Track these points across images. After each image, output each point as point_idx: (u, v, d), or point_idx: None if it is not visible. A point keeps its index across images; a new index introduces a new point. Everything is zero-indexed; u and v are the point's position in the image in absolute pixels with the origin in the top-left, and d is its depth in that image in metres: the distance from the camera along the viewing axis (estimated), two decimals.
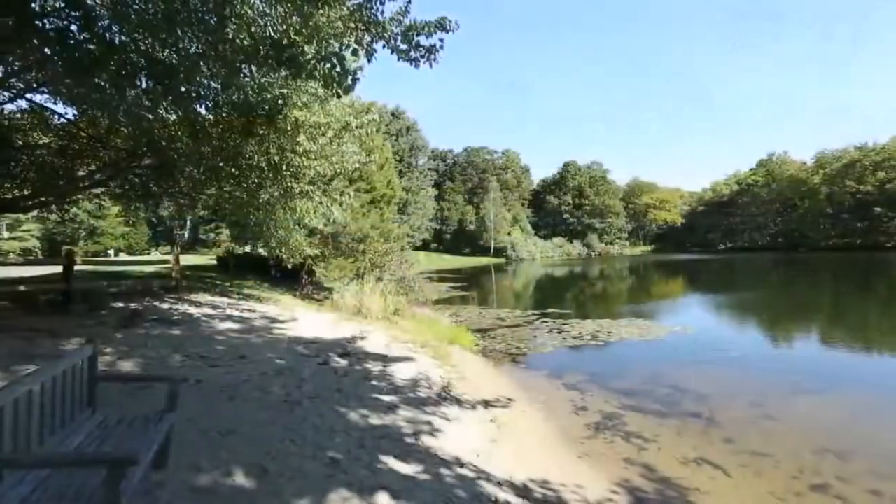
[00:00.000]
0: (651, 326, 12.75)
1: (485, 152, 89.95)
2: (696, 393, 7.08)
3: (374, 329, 9.79)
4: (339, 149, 8.78)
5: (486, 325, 13.67)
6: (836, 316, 15.46)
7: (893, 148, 63.01)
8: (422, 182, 64.59)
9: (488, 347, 10.65)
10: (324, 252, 15.09)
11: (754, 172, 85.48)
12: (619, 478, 4.52)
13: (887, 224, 62.13)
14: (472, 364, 8.69)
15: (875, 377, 8.42)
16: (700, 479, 4.49)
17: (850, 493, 4.21)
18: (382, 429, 4.34)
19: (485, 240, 76.28)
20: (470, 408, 5.88)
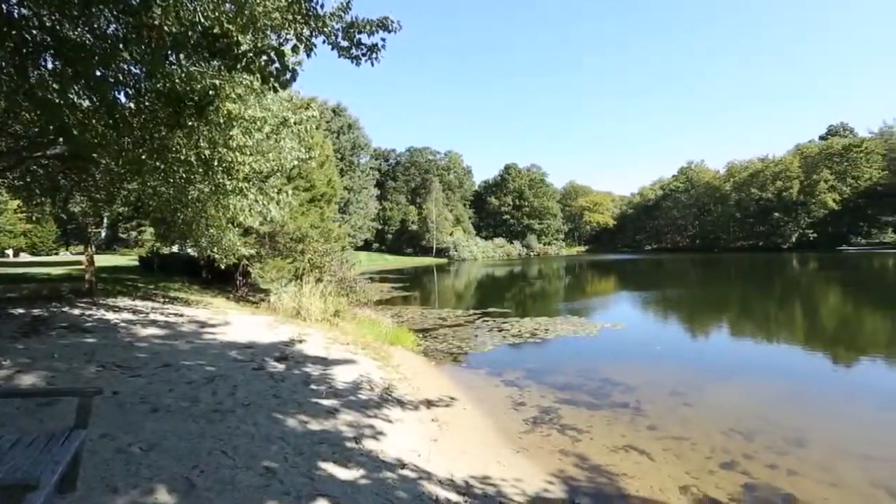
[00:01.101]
0: (585, 323, 13.43)
1: (427, 152, 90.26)
2: (625, 385, 7.56)
3: (314, 331, 9.51)
4: (277, 145, 8.43)
5: (429, 325, 13.73)
6: (742, 311, 17.12)
7: (788, 161, 70.93)
8: (364, 181, 63.50)
9: (430, 347, 10.70)
10: (260, 252, 14.40)
11: (676, 179, 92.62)
12: (555, 469, 4.72)
13: (783, 228, 69.82)
14: (414, 365, 8.70)
15: (773, 363, 9.44)
16: (627, 465, 4.80)
17: (752, 468, 4.70)
18: (322, 434, 4.23)
19: (427, 240, 76.53)
20: (412, 408, 5.89)
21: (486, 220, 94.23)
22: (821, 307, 17.25)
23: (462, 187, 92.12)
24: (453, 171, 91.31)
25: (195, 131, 6.61)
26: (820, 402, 6.99)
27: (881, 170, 65.38)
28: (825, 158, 68.33)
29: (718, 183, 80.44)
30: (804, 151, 71.78)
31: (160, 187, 8.26)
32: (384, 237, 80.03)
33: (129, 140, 6.29)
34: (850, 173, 66.19)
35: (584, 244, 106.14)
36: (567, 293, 25.22)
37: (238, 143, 7.22)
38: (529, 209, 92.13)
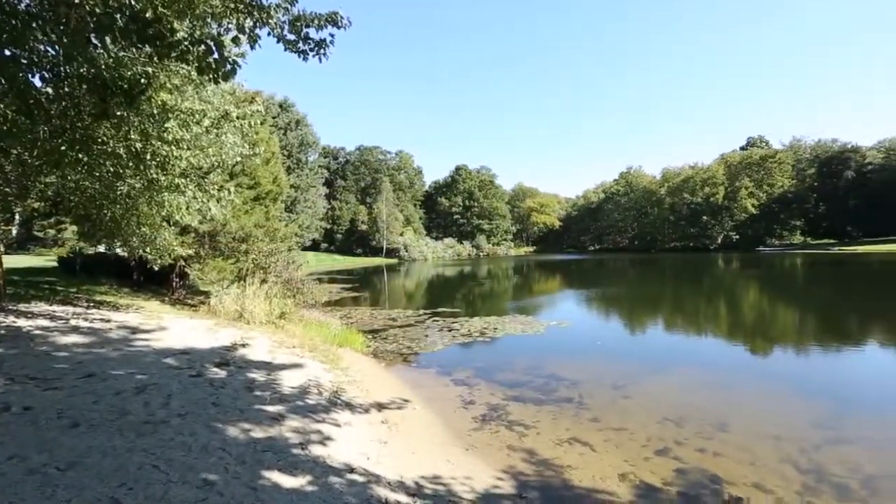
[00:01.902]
0: (532, 322, 13.82)
1: (378, 152, 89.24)
2: (570, 380, 7.86)
3: (258, 335, 9.12)
4: (218, 139, 8.00)
5: (378, 326, 13.58)
6: (675, 307, 18.34)
7: (715, 168, 76.73)
8: (312, 180, 61.67)
9: (380, 348, 10.60)
10: (200, 252, 13.61)
11: (617, 183, 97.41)
12: (504, 465, 4.82)
13: (711, 230, 75.48)
14: (364, 366, 8.57)
15: (701, 355, 10.21)
16: (572, 457, 5.00)
17: (683, 453, 5.04)
18: (266, 441, 4.07)
19: (377, 240, 75.61)
20: (362, 411, 5.80)
21: (436, 220, 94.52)
22: (741, 302, 18.79)
23: (413, 187, 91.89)
24: (404, 171, 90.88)
25: (125, 122, 6.14)
26: (740, 389, 7.60)
27: (791, 178, 72.39)
28: (745, 167, 74.56)
29: (655, 187, 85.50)
30: (728, 160, 77.94)
31: (84, 181, 7.59)
32: (333, 237, 78.23)
33: (47, 129, 5.73)
34: (765, 181, 72.69)
35: (531, 244, 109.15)
36: (515, 292, 25.84)
37: (174, 136, 6.80)
38: (479, 210, 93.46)
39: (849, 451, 5.05)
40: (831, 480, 4.42)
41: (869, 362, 9.26)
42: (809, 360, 9.63)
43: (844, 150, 71.71)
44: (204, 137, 7.61)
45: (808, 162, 74.66)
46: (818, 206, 71.29)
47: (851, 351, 10.24)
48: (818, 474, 4.54)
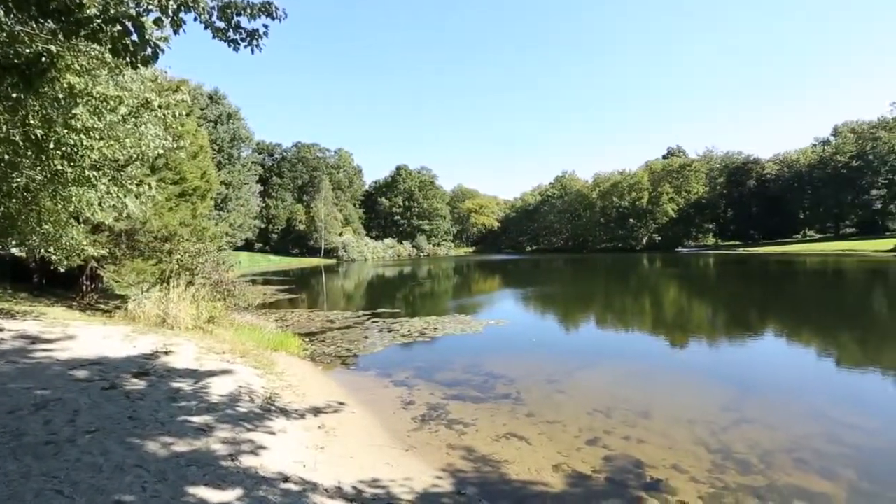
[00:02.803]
0: (471, 321, 14.06)
1: (316, 149, 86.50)
2: (507, 377, 8.09)
3: (183, 341, 8.50)
4: (137, 129, 7.37)
5: (316, 329, 13.19)
6: (605, 304, 19.47)
7: (640, 175, 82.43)
8: (245, 176, 58.38)
9: (317, 352, 10.29)
10: (115, 252, 12.43)
11: (552, 186, 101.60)
12: (443, 464, 4.87)
13: (637, 232, 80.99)
14: (300, 371, 8.28)
15: (628, 348, 10.92)
16: (509, 452, 5.15)
17: (611, 441, 5.37)
18: (191, 455, 3.81)
19: (315, 240, 73.36)
20: (298, 417, 5.60)
21: (376, 220, 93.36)
22: (662, 298, 20.33)
23: (352, 187, 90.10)
24: (343, 169, 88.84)
25: (22, 105, 5.48)
26: (660, 379, 8.23)
27: (704, 186, 79.52)
28: (666, 174, 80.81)
29: (587, 192, 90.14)
30: (652, 168, 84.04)
31: None
32: (268, 237, 74.78)
33: None
34: (683, 188, 79.23)
35: (471, 245, 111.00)
36: (455, 292, 26.15)
37: (83, 124, 6.17)
38: (420, 210, 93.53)
39: (749, 430, 5.62)
40: (735, 458, 4.90)
41: (764, 350, 10.38)
42: (718, 350, 10.62)
43: (748, 161, 79.97)
44: (120, 127, 6.99)
45: (718, 171, 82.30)
46: (727, 211, 78.90)
47: (751, 340, 11.42)
48: (725, 453, 5.01)
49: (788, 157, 74.42)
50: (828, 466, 4.69)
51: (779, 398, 6.98)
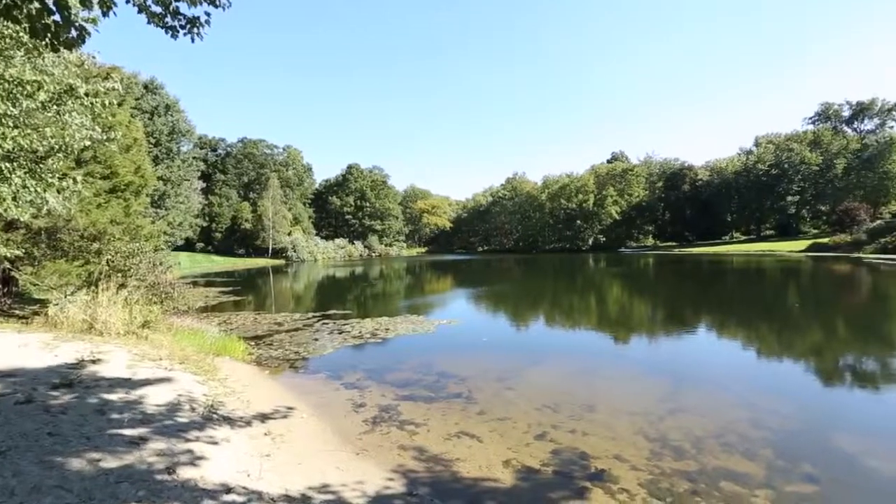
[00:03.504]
0: (423, 321, 14.07)
1: (264, 145, 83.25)
2: (459, 376, 8.17)
3: (114, 348, 7.91)
4: (59, 118, 6.77)
5: (262, 332, 12.69)
6: (553, 302, 20.12)
7: (587, 178, 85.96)
8: (185, 172, 55.04)
9: (264, 355, 9.91)
10: (33, 252, 11.35)
11: (503, 188, 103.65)
12: (395, 465, 4.84)
13: (583, 233, 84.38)
14: (245, 376, 7.94)
15: (574, 344, 11.34)
16: (460, 450, 5.20)
17: (558, 435, 5.56)
18: (122, 471, 3.55)
19: (262, 240, 70.58)
20: (242, 425, 5.37)
21: (326, 220, 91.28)
22: (607, 296, 21.31)
23: (302, 185, 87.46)
24: (292, 167, 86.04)
25: None
26: (604, 373, 8.61)
27: (644, 189, 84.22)
28: (611, 178, 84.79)
29: (537, 193, 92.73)
30: (597, 171, 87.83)
31: None
32: (211, 236, 71.08)
33: None
34: (626, 191, 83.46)
35: (423, 245, 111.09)
36: (408, 292, 26.06)
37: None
38: (371, 210, 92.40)
39: (683, 419, 6.02)
40: (671, 445, 5.23)
41: (697, 343, 11.14)
42: (656, 345, 11.28)
43: (683, 167, 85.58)
44: (39, 114, 6.41)
45: (657, 176, 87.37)
46: (665, 214, 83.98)
47: (686, 334, 12.22)
48: (662, 441, 5.33)
49: (718, 165, 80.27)
50: (750, 448, 5.10)
51: (709, 388, 7.52)
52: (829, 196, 63.74)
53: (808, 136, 68.66)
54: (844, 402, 6.85)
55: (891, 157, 61.01)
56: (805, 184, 66.36)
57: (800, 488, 4.29)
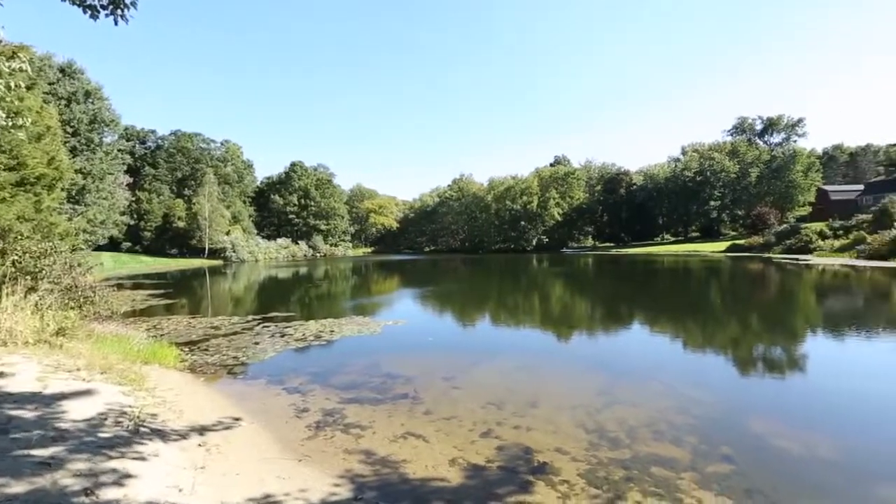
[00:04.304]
0: (369, 322, 13.89)
1: (200, 139, 78.56)
2: (405, 377, 8.14)
3: (21, 359, 7.13)
4: None
5: (198, 337, 11.98)
6: (498, 301, 20.55)
7: (531, 180, 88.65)
8: (109, 165, 50.61)
9: (199, 362, 9.36)
10: None
11: (450, 188, 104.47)
12: (341, 470, 4.74)
13: (528, 234, 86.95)
14: (177, 384, 7.45)
15: (519, 342, 11.65)
16: (407, 451, 5.19)
17: (503, 432, 5.70)
18: (31, 496, 3.22)
19: (198, 239, 66.61)
20: (174, 437, 5.03)
21: (268, 219, 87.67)
22: (550, 295, 22.09)
23: (242, 182, 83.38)
24: (231, 163, 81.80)
25: None
26: (547, 369, 8.92)
27: (585, 193, 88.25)
28: (553, 181, 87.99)
29: (483, 194, 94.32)
30: (541, 174, 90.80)
31: None
32: (139, 235, 66.08)
33: None
34: (567, 194, 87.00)
35: (370, 245, 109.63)
36: (354, 293, 25.60)
37: None
38: (316, 209, 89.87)
39: (619, 410, 6.37)
40: (608, 436, 5.52)
41: (632, 337, 11.85)
42: (595, 340, 11.86)
43: (619, 172, 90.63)
44: None
45: (596, 180, 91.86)
46: (603, 216, 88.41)
47: (622, 329, 12.96)
48: (600, 432, 5.62)
49: (650, 171, 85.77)
50: (678, 435, 5.50)
51: (642, 380, 8.00)
52: (744, 202, 70.06)
53: (727, 146, 75.10)
54: (757, 388, 7.55)
55: (795, 167, 68.39)
56: (725, 190, 72.56)
57: (719, 469, 4.67)
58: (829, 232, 40.56)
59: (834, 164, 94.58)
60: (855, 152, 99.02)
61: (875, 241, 32.11)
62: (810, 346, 10.44)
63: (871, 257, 30.82)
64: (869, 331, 11.49)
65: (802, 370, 8.55)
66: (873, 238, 32.76)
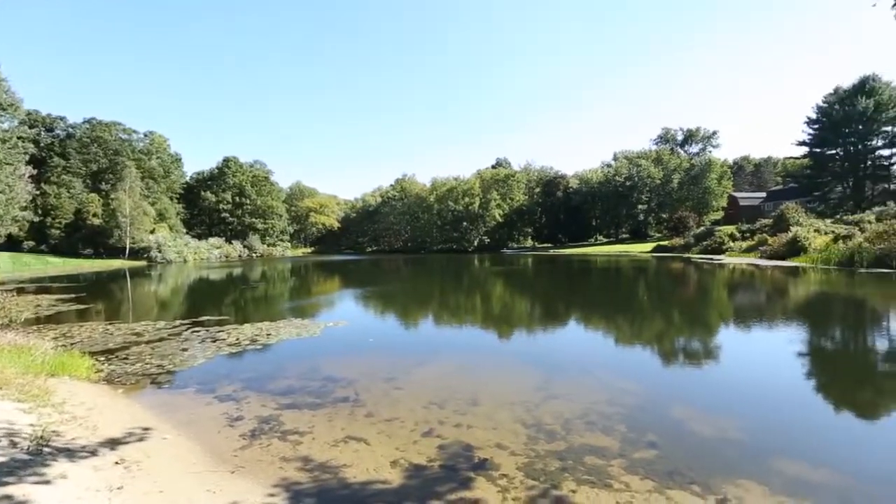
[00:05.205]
0: (308, 324, 13.45)
1: (119, 129, 72.22)
2: (346, 379, 7.98)
3: None
4: None
5: (116, 345, 10.99)
6: (441, 301, 20.70)
7: (473, 182, 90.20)
8: (7, 155, 45.02)
9: (118, 372, 8.59)
10: None
11: (393, 188, 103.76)
12: (277, 479, 4.56)
13: (469, 234, 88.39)
14: (91, 397, 6.80)
15: (462, 342, 11.79)
16: (347, 455, 5.09)
17: (444, 431, 5.75)
18: None
19: (118, 238, 61.24)
20: (86, 455, 4.59)
21: (199, 217, 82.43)
22: (491, 294, 22.57)
23: (169, 177, 77.66)
24: (157, 156, 75.93)
25: None
26: (487, 367, 9.11)
27: (524, 195, 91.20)
28: (494, 183, 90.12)
29: (425, 195, 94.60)
30: (482, 176, 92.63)
31: None
32: (46, 233, 59.59)
33: None
34: (508, 195, 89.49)
35: (310, 245, 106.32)
36: (292, 295, 24.69)
37: None
38: (252, 208, 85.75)
39: (555, 404, 6.64)
40: (545, 429, 5.74)
41: (568, 334, 12.42)
42: (534, 337, 12.28)
43: (557, 176, 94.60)
44: None
45: (535, 182, 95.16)
46: (542, 218, 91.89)
47: (559, 326, 13.53)
48: (537, 427, 5.83)
49: (585, 175, 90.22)
50: (608, 425, 5.83)
51: (576, 374, 8.40)
52: (668, 206, 75.82)
53: (653, 154, 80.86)
54: (678, 377, 8.18)
55: (710, 175, 75.05)
56: (651, 195, 78.14)
57: (645, 455, 5.02)
58: (739, 234, 44.93)
59: (742, 174, 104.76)
60: (759, 163, 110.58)
61: (774, 242, 35.99)
62: (722, 338, 11.49)
63: (772, 257, 34.49)
64: (770, 322, 12.84)
65: (716, 359, 9.38)
66: (773, 240, 36.72)
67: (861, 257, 26.04)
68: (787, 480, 4.43)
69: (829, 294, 18.73)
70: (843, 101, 57.45)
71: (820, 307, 15.88)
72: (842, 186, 61.31)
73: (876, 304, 16.08)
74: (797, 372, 8.40)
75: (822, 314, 14.55)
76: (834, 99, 58.88)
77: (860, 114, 55.42)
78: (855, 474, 4.56)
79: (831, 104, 58.97)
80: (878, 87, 55.62)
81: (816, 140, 61.62)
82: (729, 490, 4.26)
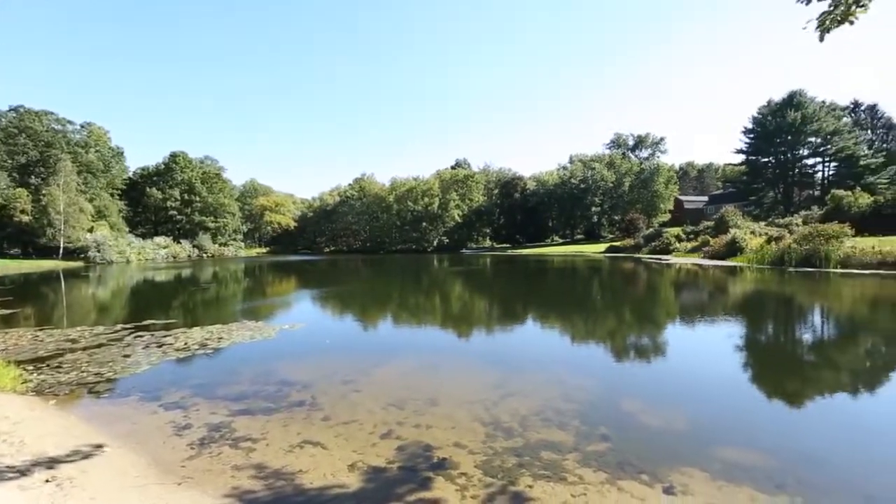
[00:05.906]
0: (262, 327, 13.02)
1: (51, 119, 66.94)
2: (302, 383, 7.78)
3: None
4: None
5: (47, 352, 10.18)
6: (400, 301, 20.60)
7: (432, 182, 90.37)
8: None
9: (49, 382, 7.96)
10: None
11: (351, 188, 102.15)
12: (228, 488, 4.39)
13: (429, 234, 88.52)
14: (17, 411, 6.27)
15: (421, 343, 11.78)
16: (304, 461, 4.97)
17: (403, 432, 5.73)
18: None
19: (51, 236, 56.73)
20: (10, 475, 4.24)
21: (144, 215, 77.92)
22: (450, 294, 22.69)
23: (109, 172, 72.79)
24: (96, 149, 70.95)
25: None
26: (446, 367, 9.15)
27: (483, 195, 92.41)
28: (454, 183, 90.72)
29: (385, 195, 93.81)
30: (442, 176, 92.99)
31: None
32: None
33: None
34: (467, 196, 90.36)
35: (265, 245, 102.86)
36: (246, 296, 23.78)
37: None
38: (202, 205, 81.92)
39: (512, 402, 6.77)
40: (502, 426, 5.84)
41: (525, 332, 12.69)
42: (492, 336, 12.46)
43: (515, 177, 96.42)
44: None
45: (494, 183, 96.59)
46: (500, 218, 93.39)
47: (517, 325, 13.79)
48: (495, 424, 5.92)
49: (542, 177, 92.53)
50: (563, 420, 6.01)
51: (533, 371, 8.60)
52: (620, 208, 79.12)
53: (606, 158, 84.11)
54: (628, 372, 8.54)
55: (658, 179, 78.99)
56: (604, 197, 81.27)
57: (598, 447, 5.21)
58: (684, 236, 47.63)
59: (687, 178, 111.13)
60: (702, 169, 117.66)
61: (715, 243, 38.35)
62: (668, 334, 12.12)
63: (714, 257, 36.76)
64: (711, 319, 13.67)
65: (663, 354, 9.89)
66: (714, 241, 39.12)
67: (790, 257, 28.27)
68: (725, 465, 4.74)
69: (763, 292, 20.18)
70: (775, 114, 62.37)
71: (754, 304, 17.08)
72: (774, 192, 66.44)
73: (802, 300, 17.51)
74: (734, 364, 8.99)
75: (755, 311, 15.65)
76: (767, 111, 63.79)
77: (789, 125, 60.35)
78: (783, 456, 4.95)
79: (765, 115, 63.85)
80: (804, 101, 60.88)
81: (752, 149, 66.46)
82: (675, 478, 4.50)
